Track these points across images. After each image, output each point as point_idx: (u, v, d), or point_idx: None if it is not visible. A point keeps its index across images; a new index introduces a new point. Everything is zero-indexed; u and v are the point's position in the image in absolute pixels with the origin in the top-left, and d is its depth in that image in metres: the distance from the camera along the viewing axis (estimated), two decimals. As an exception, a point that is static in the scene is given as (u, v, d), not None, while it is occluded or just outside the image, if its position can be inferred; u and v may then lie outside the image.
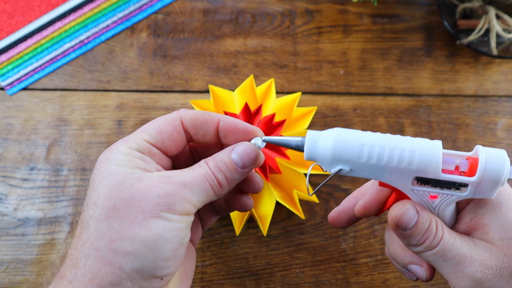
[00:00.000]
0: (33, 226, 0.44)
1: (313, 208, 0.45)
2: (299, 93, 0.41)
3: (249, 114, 0.39)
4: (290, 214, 0.45)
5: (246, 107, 0.38)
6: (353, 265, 0.44)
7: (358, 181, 0.46)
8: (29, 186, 0.45)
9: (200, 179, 0.24)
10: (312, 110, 0.41)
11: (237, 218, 0.39)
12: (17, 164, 0.46)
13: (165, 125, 0.26)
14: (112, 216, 0.22)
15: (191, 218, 0.24)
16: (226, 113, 0.37)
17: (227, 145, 0.27)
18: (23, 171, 0.46)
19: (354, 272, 0.44)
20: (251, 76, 0.41)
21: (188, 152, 0.29)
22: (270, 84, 0.42)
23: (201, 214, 0.31)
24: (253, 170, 0.28)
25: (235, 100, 0.41)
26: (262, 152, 0.27)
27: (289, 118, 0.41)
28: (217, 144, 0.28)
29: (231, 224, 0.44)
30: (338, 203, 0.46)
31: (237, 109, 0.41)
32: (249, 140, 0.27)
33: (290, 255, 0.44)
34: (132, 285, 0.22)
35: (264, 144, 0.27)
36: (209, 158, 0.26)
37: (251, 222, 0.45)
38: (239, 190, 0.30)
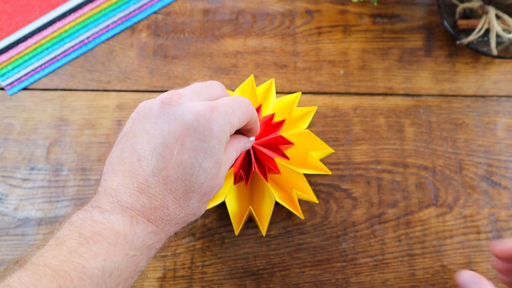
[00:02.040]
0: (33, 226, 0.44)
1: (313, 208, 0.45)
2: (299, 93, 0.41)
3: (249, 114, 0.39)
4: (290, 214, 0.45)
5: (246, 107, 0.38)
6: (353, 265, 0.44)
7: (358, 181, 0.46)
8: (29, 186, 0.45)
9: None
10: (312, 110, 0.41)
11: (236, 218, 0.39)
12: (17, 164, 0.46)
13: (246, 119, 0.30)
14: (202, 199, 0.29)
15: None
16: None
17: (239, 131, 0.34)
18: (23, 171, 0.46)
19: (354, 272, 0.44)
20: (251, 76, 0.41)
21: None
22: (270, 84, 0.42)
23: None
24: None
25: (235, 100, 0.41)
26: None
27: (289, 118, 0.41)
28: None
29: (231, 224, 0.44)
30: (338, 203, 0.46)
31: (237, 109, 0.40)
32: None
33: (290, 255, 0.44)
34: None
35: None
36: (238, 146, 0.32)
37: (251, 222, 0.45)
38: None
